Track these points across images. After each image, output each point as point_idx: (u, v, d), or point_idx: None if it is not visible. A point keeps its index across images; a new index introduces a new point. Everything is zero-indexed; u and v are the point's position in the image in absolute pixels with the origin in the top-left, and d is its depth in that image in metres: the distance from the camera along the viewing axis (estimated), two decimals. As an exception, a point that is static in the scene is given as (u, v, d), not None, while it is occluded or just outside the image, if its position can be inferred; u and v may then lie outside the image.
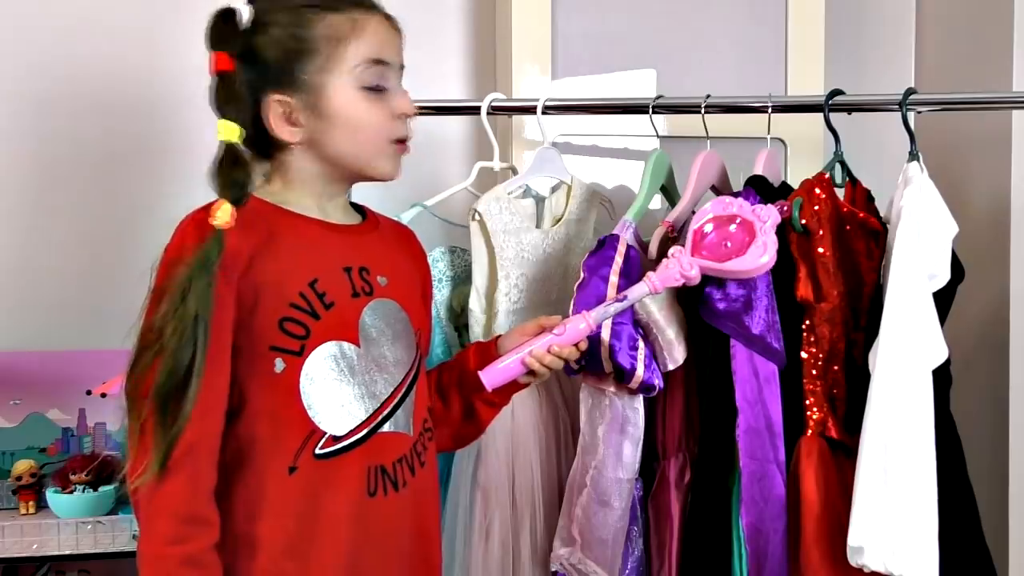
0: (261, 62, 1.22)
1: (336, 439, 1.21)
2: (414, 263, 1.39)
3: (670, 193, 1.63)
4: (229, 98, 1.20)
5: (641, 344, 1.41)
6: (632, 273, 1.42)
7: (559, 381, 1.58)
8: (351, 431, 1.22)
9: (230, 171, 1.17)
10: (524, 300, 1.53)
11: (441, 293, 1.58)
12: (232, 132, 1.19)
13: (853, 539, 1.29)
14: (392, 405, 1.26)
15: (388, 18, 1.27)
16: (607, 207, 1.64)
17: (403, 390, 1.27)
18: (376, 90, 1.24)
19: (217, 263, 1.14)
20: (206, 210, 1.16)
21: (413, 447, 1.28)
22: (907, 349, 1.32)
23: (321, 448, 1.20)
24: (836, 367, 1.43)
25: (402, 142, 1.28)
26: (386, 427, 1.25)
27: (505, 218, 1.52)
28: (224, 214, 1.14)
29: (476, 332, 1.52)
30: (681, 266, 1.35)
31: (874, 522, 1.29)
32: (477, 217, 1.51)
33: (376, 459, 1.23)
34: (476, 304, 1.52)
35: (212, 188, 1.17)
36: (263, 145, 1.26)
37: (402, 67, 1.29)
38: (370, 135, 1.26)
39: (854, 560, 1.30)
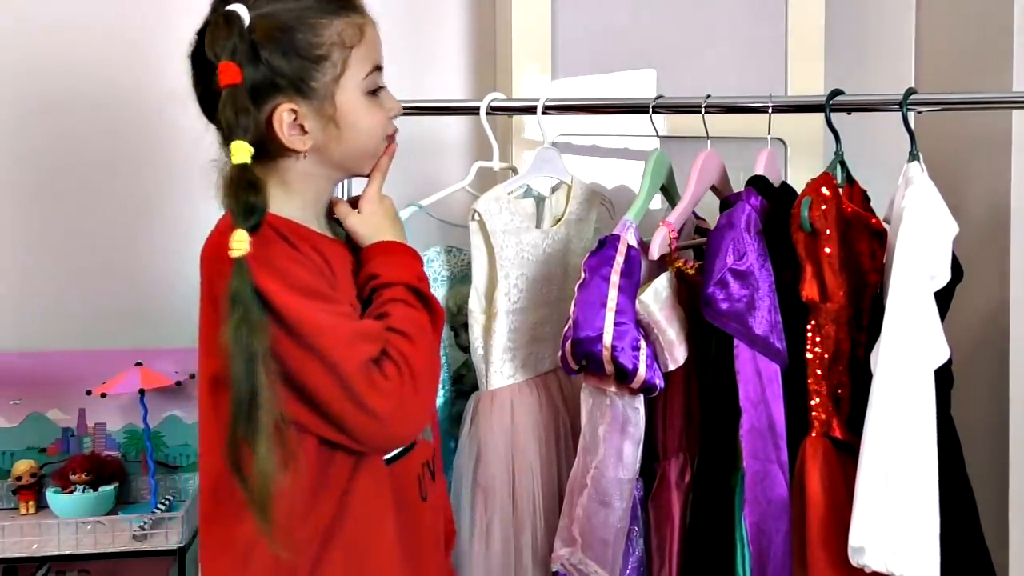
0: (269, 69, 1.17)
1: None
2: None
3: (670, 193, 1.63)
4: (239, 113, 1.11)
5: (643, 344, 1.41)
6: (633, 273, 1.43)
7: (559, 381, 1.58)
8: None
9: (246, 196, 1.09)
10: (524, 300, 1.53)
11: (438, 293, 1.57)
12: (246, 153, 1.10)
13: (854, 539, 1.29)
14: None
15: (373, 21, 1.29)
16: (607, 207, 1.64)
17: None
18: (374, 94, 1.26)
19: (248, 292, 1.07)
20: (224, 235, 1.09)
21: (433, 455, 1.34)
22: (909, 349, 1.32)
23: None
24: (841, 367, 1.42)
25: (391, 138, 1.32)
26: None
27: (504, 218, 1.52)
28: (242, 244, 1.06)
29: (476, 332, 1.52)
30: None
31: (875, 522, 1.29)
32: (476, 217, 1.51)
33: (418, 466, 1.29)
34: (476, 304, 1.52)
35: (230, 213, 1.10)
36: (260, 150, 1.16)
37: None
38: (372, 137, 1.28)
39: (855, 560, 1.29)
